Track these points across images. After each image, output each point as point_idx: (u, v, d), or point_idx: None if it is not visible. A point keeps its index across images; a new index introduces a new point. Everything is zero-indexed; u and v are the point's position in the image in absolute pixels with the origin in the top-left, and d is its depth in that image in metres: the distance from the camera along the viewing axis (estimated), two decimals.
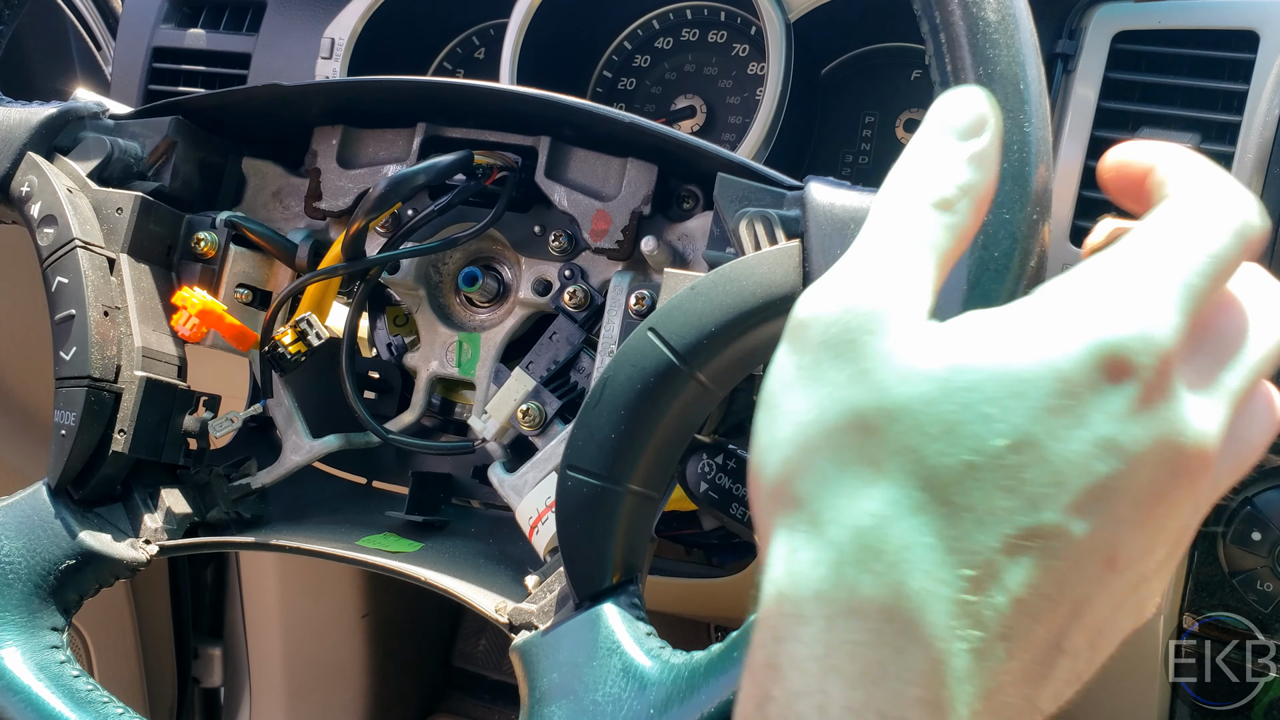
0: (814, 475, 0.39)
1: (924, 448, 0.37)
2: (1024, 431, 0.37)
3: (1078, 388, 0.37)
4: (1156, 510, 0.39)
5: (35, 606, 0.72)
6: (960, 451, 0.37)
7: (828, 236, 0.56)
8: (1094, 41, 0.95)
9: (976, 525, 0.37)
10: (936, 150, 0.43)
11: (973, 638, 0.37)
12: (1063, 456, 0.37)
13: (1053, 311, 0.39)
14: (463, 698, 1.90)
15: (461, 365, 0.85)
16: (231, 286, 0.84)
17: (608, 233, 0.78)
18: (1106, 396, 0.38)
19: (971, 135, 0.43)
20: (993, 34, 0.49)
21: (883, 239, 0.41)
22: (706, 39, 1.20)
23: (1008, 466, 0.37)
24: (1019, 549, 0.37)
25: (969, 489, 0.37)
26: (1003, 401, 0.37)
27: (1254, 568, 0.92)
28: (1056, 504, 0.37)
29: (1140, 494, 0.38)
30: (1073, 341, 0.38)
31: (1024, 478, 0.37)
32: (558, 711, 0.56)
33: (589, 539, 0.59)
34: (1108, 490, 0.38)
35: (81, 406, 0.74)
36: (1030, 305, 0.40)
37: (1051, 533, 0.37)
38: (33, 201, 0.79)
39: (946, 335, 0.39)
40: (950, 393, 0.38)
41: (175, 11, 1.28)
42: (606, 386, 0.58)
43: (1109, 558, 0.39)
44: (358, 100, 0.85)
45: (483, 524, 0.87)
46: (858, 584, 0.37)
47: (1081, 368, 0.37)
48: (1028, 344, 0.38)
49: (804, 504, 0.39)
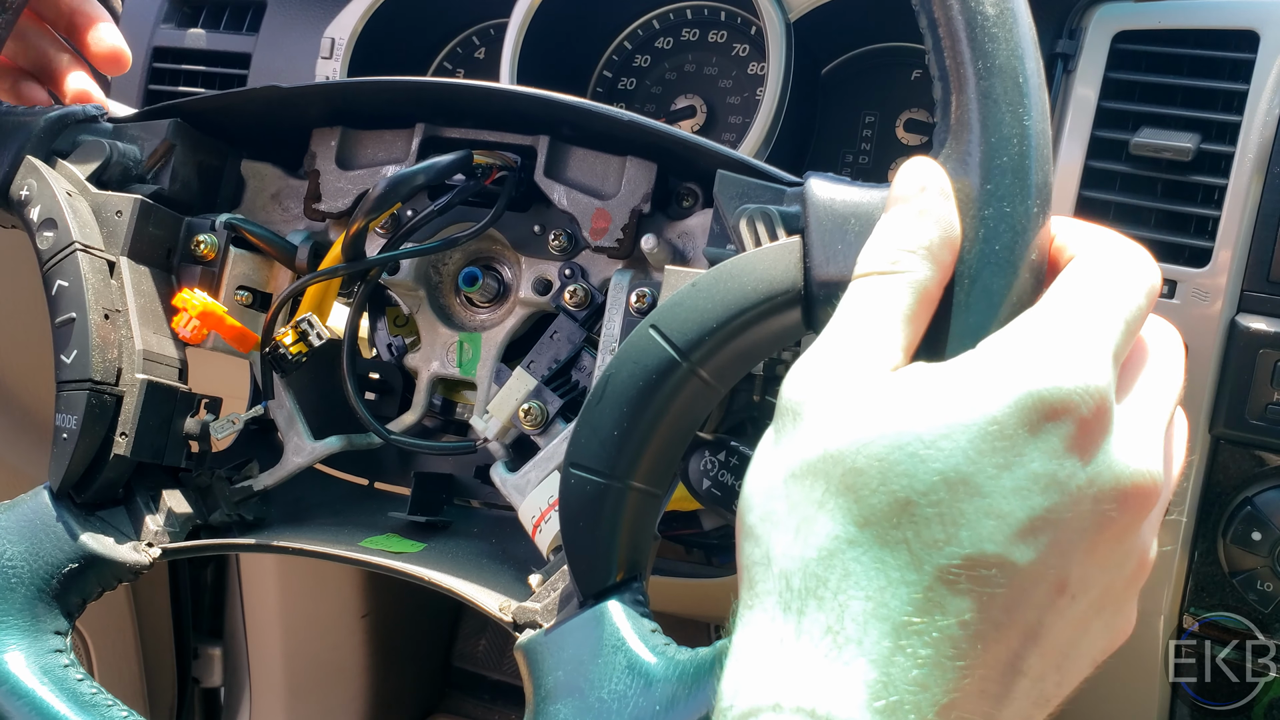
0: (770, 517, 0.44)
1: (861, 487, 0.42)
2: (956, 469, 0.41)
3: (1012, 430, 0.41)
4: (1104, 537, 0.43)
5: (38, 610, 0.72)
6: (894, 489, 0.41)
7: (828, 232, 0.56)
8: (1094, 41, 0.95)
9: (913, 556, 0.41)
10: (884, 223, 0.49)
11: (921, 655, 0.40)
12: (996, 492, 0.41)
13: (990, 363, 0.43)
14: (463, 698, 1.90)
15: (462, 365, 0.85)
16: (231, 288, 0.84)
17: (608, 231, 0.78)
18: (1043, 437, 0.41)
19: (915, 196, 0.48)
20: (991, 28, 0.49)
21: (843, 316, 0.47)
22: (706, 39, 1.20)
23: (941, 502, 0.41)
24: (960, 577, 0.41)
25: (903, 523, 0.41)
26: (935, 443, 0.41)
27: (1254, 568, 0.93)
28: (998, 535, 0.41)
29: (1084, 523, 0.42)
30: (1008, 390, 0.42)
31: (959, 510, 0.41)
32: (563, 709, 0.56)
33: (592, 536, 0.59)
34: (1049, 522, 0.41)
35: (83, 410, 0.74)
36: (969, 359, 0.44)
37: (993, 562, 0.41)
38: (32, 205, 0.79)
39: (889, 387, 0.44)
40: (885, 435, 0.42)
41: (175, 11, 1.28)
42: (609, 384, 0.58)
43: (1058, 584, 0.42)
44: (356, 101, 0.85)
45: (485, 524, 0.87)
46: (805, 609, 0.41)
47: (1015, 412, 0.42)
48: (962, 392, 0.42)
49: (760, 541, 0.44)
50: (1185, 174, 0.91)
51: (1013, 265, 0.48)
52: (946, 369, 0.44)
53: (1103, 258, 0.47)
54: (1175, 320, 0.88)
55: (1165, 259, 0.90)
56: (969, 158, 0.49)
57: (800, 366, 0.47)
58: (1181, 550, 0.95)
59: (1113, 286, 0.46)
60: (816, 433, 0.44)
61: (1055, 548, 0.42)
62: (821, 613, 0.41)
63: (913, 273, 0.47)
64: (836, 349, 0.46)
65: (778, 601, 0.42)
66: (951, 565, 0.40)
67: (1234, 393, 0.88)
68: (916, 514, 0.41)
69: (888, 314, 0.47)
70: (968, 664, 0.40)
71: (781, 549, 0.43)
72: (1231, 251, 0.88)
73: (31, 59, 0.92)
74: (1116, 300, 0.45)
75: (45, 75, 0.92)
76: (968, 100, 0.49)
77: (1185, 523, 0.94)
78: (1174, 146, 0.90)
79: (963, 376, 0.43)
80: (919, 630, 0.40)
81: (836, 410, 0.44)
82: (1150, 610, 0.98)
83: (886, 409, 0.43)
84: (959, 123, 0.50)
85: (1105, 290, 0.45)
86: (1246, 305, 0.89)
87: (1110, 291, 0.46)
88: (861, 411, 0.43)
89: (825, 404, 0.44)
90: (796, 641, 0.41)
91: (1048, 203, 0.49)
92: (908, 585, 0.40)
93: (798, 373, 0.46)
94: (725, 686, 0.43)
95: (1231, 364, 0.88)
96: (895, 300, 0.47)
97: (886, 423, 0.42)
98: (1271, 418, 0.87)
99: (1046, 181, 0.49)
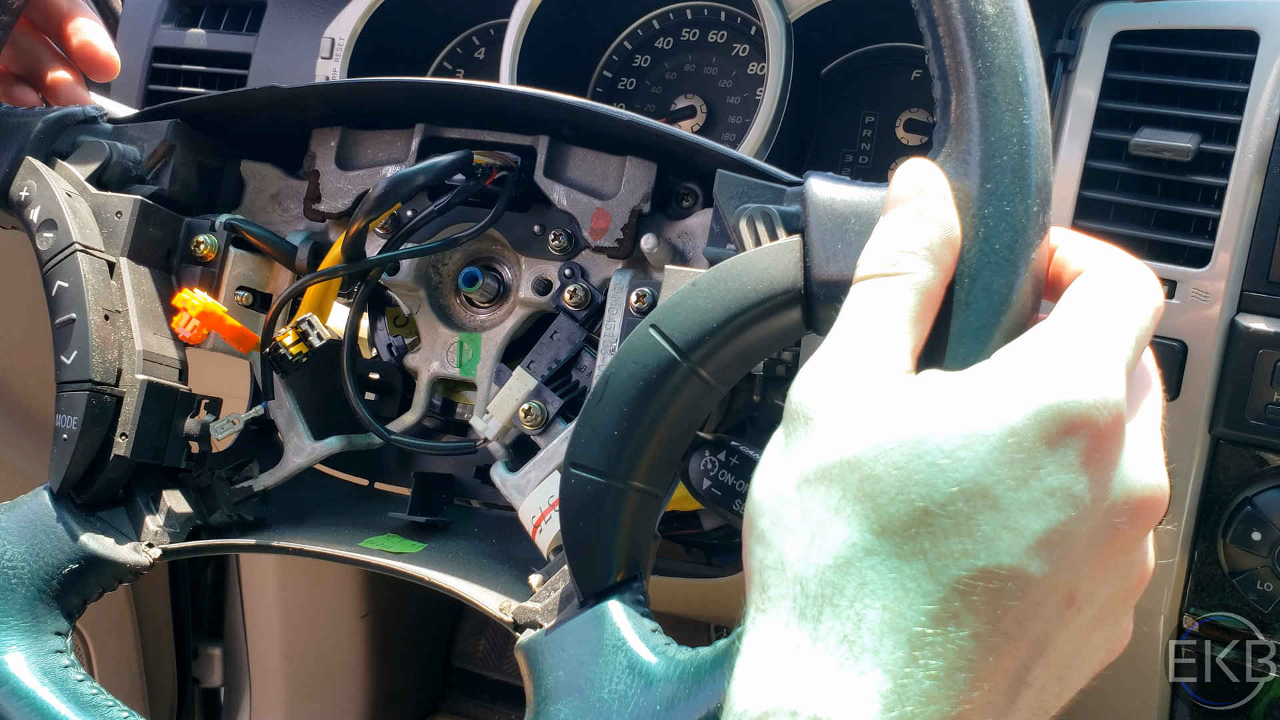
0: (783, 522, 0.44)
1: (878, 495, 0.42)
2: (975, 481, 0.41)
3: (1030, 442, 0.41)
4: (1113, 549, 0.43)
5: (39, 611, 0.72)
6: (912, 498, 0.41)
7: (828, 231, 0.56)
8: (1094, 41, 0.95)
9: (930, 567, 0.41)
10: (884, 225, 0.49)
11: (933, 666, 0.40)
12: (1014, 504, 0.41)
13: (1008, 375, 0.43)
14: (463, 698, 1.90)
15: (462, 365, 0.85)
16: (231, 289, 0.84)
17: (607, 231, 0.78)
18: (1060, 451, 0.42)
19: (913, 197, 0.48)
20: (991, 27, 0.49)
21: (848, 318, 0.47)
22: (706, 39, 1.20)
23: (959, 513, 0.41)
24: (975, 589, 0.41)
25: (921, 533, 0.41)
26: (954, 453, 0.41)
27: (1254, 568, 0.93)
28: (1014, 547, 0.41)
29: (1096, 536, 0.43)
30: (1027, 402, 0.42)
31: (976, 522, 0.41)
32: (564, 709, 0.56)
33: (593, 536, 0.59)
34: (1063, 535, 0.42)
35: (83, 410, 0.74)
36: (988, 369, 0.44)
37: (1009, 575, 0.41)
38: (32, 206, 0.79)
39: (906, 392, 0.44)
40: (904, 444, 0.42)
41: (175, 11, 1.28)
42: (609, 384, 0.58)
43: (1068, 596, 0.43)
44: (356, 101, 0.85)
45: (485, 524, 0.87)
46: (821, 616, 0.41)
47: (1034, 425, 0.42)
48: (982, 402, 0.42)
49: (773, 546, 0.44)
50: (1185, 174, 0.91)
51: (1013, 264, 0.48)
52: (964, 378, 0.44)
53: (1112, 274, 0.47)
54: (1175, 320, 0.89)
55: (1165, 259, 0.90)
56: (969, 157, 0.49)
57: (809, 370, 0.46)
58: (1181, 550, 0.95)
59: (1124, 303, 0.46)
60: (831, 437, 0.43)
61: (1068, 560, 0.42)
62: (838, 620, 0.41)
63: (915, 274, 0.47)
64: (844, 353, 0.46)
65: (792, 607, 0.42)
66: (968, 577, 0.41)
67: (1234, 393, 0.88)
68: (934, 524, 0.41)
69: (893, 316, 0.47)
70: (977, 676, 0.41)
71: (796, 554, 0.43)
72: (1231, 252, 0.88)
73: (22, 64, 0.92)
74: (1129, 316, 0.46)
75: (35, 80, 0.92)
76: (967, 99, 0.49)
77: (1185, 523, 0.94)
78: (1174, 147, 0.90)
79: (981, 386, 0.43)
80: (933, 641, 0.40)
81: (851, 415, 0.44)
82: (1150, 610, 0.98)
83: (904, 416, 0.43)
84: (959, 122, 0.50)
85: (1118, 306, 0.46)
86: (1246, 305, 0.89)
87: (1122, 307, 0.46)
88: (878, 417, 0.43)
89: (839, 409, 0.44)
90: (812, 648, 0.41)
91: (1048, 202, 0.49)
92: (924, 596, 0.40)
93: (806, 377, 0.46)
94: (737, 689, 0.43)
95: (1231, 364, 0.88)
96: (899, 302, 0.47)
97: (904, 430, 0.42)
98: (1271, 418, 0.87)
99: (1046, 180, 0.49)
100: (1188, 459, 0.92)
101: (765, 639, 0.43)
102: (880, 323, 0.46)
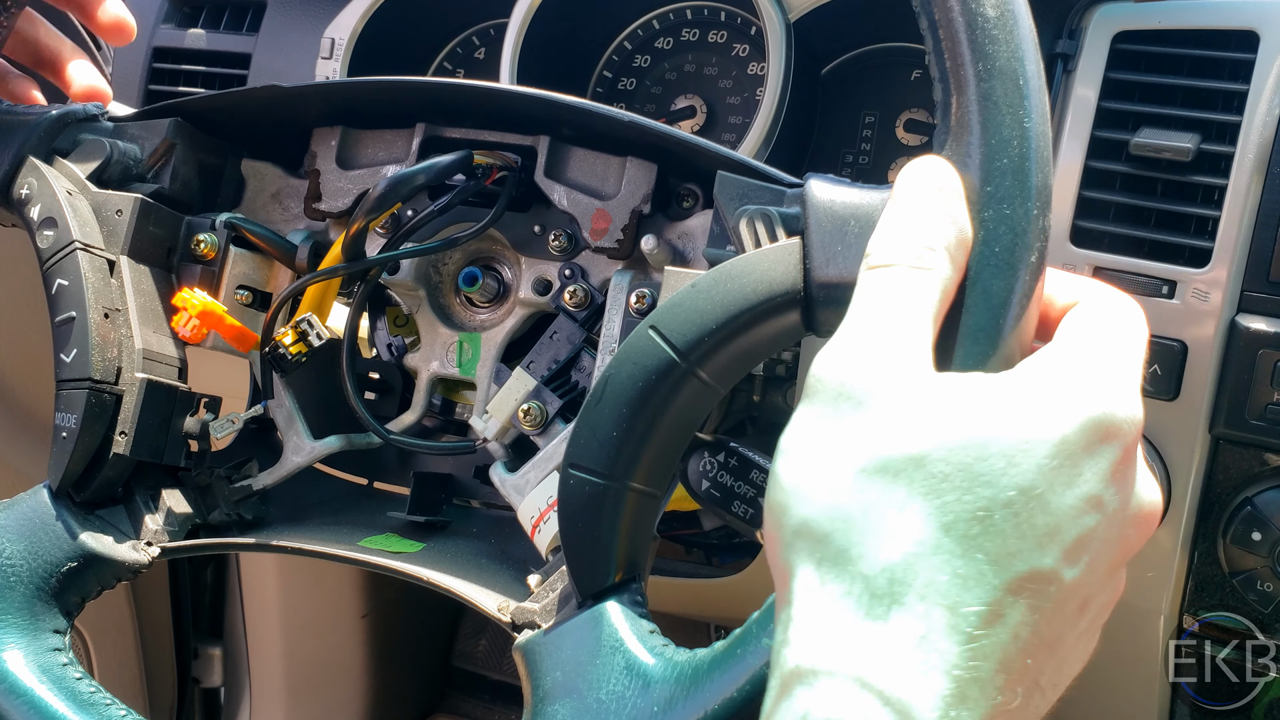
0: (841, 515, 0.43)
1: (945, 493, 0.42)
2: (1031, 483, 0.42)
3: (1075, 449, 0.43)
4: (1119, 559, 0.45)
5: (37, 609, 0.72)
6: (978, 498, 0.42)
7: (828, 233, 0.56)
8: (1094, 41, 0.95)
9: (989, 566, 0.41)
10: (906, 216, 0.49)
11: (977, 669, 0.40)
12: (1060, 509, 0.42)
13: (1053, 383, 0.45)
14: (463, 698, 1.90)
15: (462, 365, 0.85)
16: (231, 288, 0.84)
17: (607, 232, 0.78)
18: (1096, 459, 0.43)
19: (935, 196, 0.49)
20: (991, 29, 0.50)
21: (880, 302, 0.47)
22: (706, 39, 1.20)
23: (1017, 515, 0.42)
24: (1021, 590, 0.41)
25: (983, 532, 0.42)
26: (1014, 456, 0.42)
27: (1254, 568, 0.92)
28: (1055, 550, 0.42)
29: (1110, 544, 0.44)
30: (1077, 411, 0.44)
31: (1031, 524, 0.42)
32: (561, 710, 0.56)
33: (591, 537, 0.59)
34: (1090, 540, 0.43)
35: (82, 409, 0.74)
36: (1029, 376, 0.45)
37: (1049, 577, 0.42)
38: (32, 204, 0.79)
39: (960, 392, 0.44)
40: (969, 444, 0.42)
41: (175, 11, 1.28)
42: (608, 384, 0.58)
43: (1084, 601, 0.44)
44: (356, 101, 0.85)
45: (484, 524, 0.87)
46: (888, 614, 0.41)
47: (1081, 434, 0.43)
48: (1037, 408, 0.44)
49: (831, 541, 0.43)
50: (1185, 174, 0.91)
51: (1012, 267, 0.48)
52: (1007, 384, 0.45)
53: (1113, 303, 0.50)
54: (1175, 320, 0.89)
55: (1165, 259, 0.90)
56: (969, 159, 0.49)
57: (840, 348, 0.46)
58: (1181, 550, 0.95)
59: (1130, 329, 0.48)
60: (892, 429, 0.43)
61: (1091, 566, 0.43)
62: (907, 617, 0.41)
63: (940, 271, 0.48)
64: (878, 337, 0.46)
65: (856, 604, 0.41)
66: (1016, 580, 0.41)
67: (1234, 393, 0.88)
68: (993, 525, 0.42)
69: (921, 310, 0.47)
70: (1009, 679, 0.41)
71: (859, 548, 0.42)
72: (1231, 252, 0.88)
73: (29, 51, 0.91)
74: (1137, 344, 0.48)
75: (46, 66, 0.91)
76: (968, 102, 0.50)
77: (1185, 523, 0.94)
78: (1174, 147, 0.90)
79: (1030, 394, 0.44)
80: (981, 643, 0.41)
81: (912, 408, 0.44)
82: (1150, 610, 0.98)
83: (965, 416, 0.43)
84: (959, 124, 0.50)
85: (1129, 333, 0.48)
86: (1246, 305, 0.89)
87: (1129, 333, 0.48)
88: (941, 414, 0.43)
89: (895, 398, 0.44)
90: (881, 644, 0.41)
91: (1048, 204, 0.49)
92: (979, 596, 0.41)
93: (839, 354, 0.46)
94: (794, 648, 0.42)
95: (1231, 364, 0.88)
96: (927, 297, 0.47)
97: (969, 430, 0.43)
98: (1271, 418, 0.87)
99: (1046, 183, 0.49)
100: (1187, 459, 0.92)
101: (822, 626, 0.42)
102: (910, 313, 0.47)
